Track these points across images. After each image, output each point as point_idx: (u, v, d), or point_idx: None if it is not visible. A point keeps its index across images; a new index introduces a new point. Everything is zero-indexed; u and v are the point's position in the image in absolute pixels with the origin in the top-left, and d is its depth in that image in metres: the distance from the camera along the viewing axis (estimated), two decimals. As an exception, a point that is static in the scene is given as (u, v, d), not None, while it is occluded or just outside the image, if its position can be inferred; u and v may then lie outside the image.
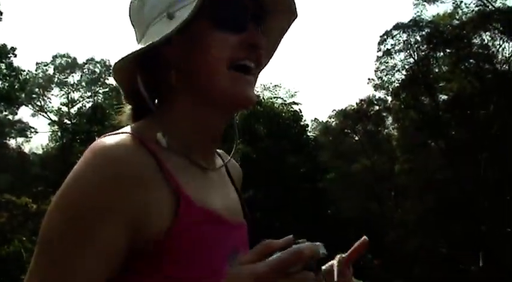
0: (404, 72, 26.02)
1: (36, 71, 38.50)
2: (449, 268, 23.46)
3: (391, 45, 26.09)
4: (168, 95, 0.99)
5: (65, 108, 38.90)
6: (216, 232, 0.95)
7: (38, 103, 38.54)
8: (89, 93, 39.29)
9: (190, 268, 0.88)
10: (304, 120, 25.11)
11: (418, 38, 25.20)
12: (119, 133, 0.92)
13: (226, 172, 1.13)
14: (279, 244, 0.79)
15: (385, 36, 26.17)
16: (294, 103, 25.30)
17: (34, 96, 37.85)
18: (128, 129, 0.94)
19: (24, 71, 30.02)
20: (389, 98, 28.95)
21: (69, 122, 36.97)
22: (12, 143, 38.05)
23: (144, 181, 0.86)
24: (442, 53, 25.12)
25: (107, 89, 37.63)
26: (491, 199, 21.32)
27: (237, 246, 1.00)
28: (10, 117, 35.24)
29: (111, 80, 37.58)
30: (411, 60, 25.67)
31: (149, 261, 0.86)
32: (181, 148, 0.96)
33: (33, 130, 38.17)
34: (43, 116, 38.76)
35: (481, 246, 20.62)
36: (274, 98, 23.97)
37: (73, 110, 38.58)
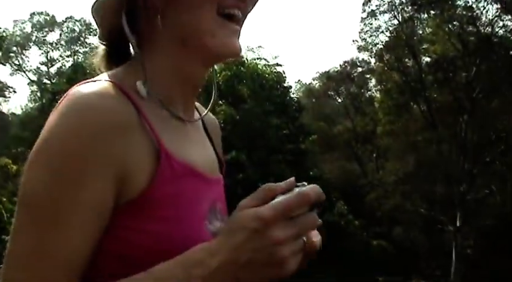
0: (388, 33, 25.92)
1: (13, 28, 37.60)
2: (428, 228, 24.08)
3: (376, 6, 25.89)
4: (149, 40, 0.93)
5: (44, 68, 38.24)
6: (195, 186, 0.91)
7: (16, 62, 37.79)
8: (68, 53, 38.55)
9: (171, 222, 0.85)
10: (288, 82, 25.00)
11: (403, -1, 25.00)
12: (97, 80, 0.86)
13: (202, 125, 1.09)
14: (281, 187, 0.77)
15: (370, -3, 25.90)
16: (278, 64, 25.12)
17: (11, 54, 37.07)
18: (105, 76, 0.89)
19: (0, 28, 29.28)
20: (372, 60, 28.94)
21: (48, 82, 36.39)
22: (-10, 103, 37.48)
23: (125, 131, 0.81)
24: (426, 15, 24.99)
25: (87, 49, 36.93)
26: (470, 161, 21.71)
27: (216, 201, 0.98)
28: (-13, 76, 34.55)
29: (91, 39, 36.88)
30: (395, 21, 25.54)
31: (129, 217, 0.82)
32: (161, 98, 0.91)
33: (11, 90, 37.55)
34: (22, 75, 38.07)
35: (459, 207, 21.11)
36: (258, 59, 23.74)
37: (52, 70, 37.96)
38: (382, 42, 26.14)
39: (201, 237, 0.83)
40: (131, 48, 0.95)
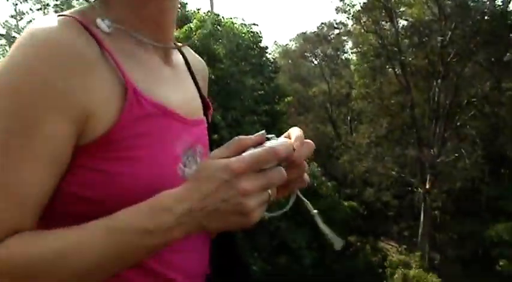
0: (366, -5, 25.67)
1: (-21, -21, 36.15)
2: (398, 190, 24.63)
3: (355, -34, 25.53)
4: None
5: (13, 21, 37.02)
6: (168, 127, 0.88)
7: (-17, 15, 36.53)
8: (38, 6, 37.34)
9: (137, 163, 0.82)
10: (264, 43, 24.71)
11: (382, -41, 24.68)
12: (58, 15, 0.82)
13: (187, 67, 1.06)
14: (252, 140, 0.79)
15: (350, -43, 25.53)
16: (254, 24, 24.79)
17: (-22, 7, 35.78)
18: (66, 12, 0.84)
19: (-34, -21, 28.11)
20: (350, 22, 28.77)
21: (17, 36, 35.39)
22: (-43, 56, 36.39)
23: (86, 67, 0.77)
24: (405, -23, 24.79)
25: (57, 2, 35.84)
26: (441, 125, 22.07)
27: (195, 144, 0.95)
28: (-47, 29, 33.38)
29: (62, -7, 35.76)
30: (374, -18, 25.26)
31: (92, 157, 0.79)
32: (130, 34, 0.88)
33: (-21, 44, 36.41)
34: (-11, 29, 36.89)
35: (429, 170, 21.57)
36: (234, 18, 23.34)
37: (22, 23, 36.79)
38: (360, 3, 25.95)
39: (172, 180, 0.81)
40: None
